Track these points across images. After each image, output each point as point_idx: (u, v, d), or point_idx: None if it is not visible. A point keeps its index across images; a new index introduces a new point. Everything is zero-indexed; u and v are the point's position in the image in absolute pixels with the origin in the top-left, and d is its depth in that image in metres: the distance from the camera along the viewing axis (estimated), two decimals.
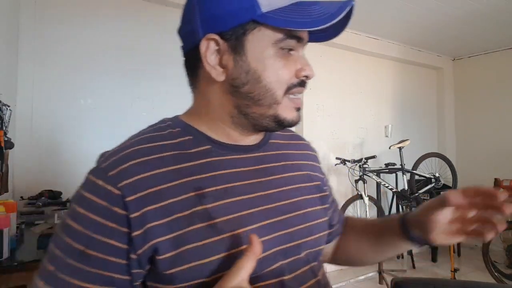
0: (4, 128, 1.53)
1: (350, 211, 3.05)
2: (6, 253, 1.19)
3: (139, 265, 0.45)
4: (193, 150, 0.51)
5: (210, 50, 0.50)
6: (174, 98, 2.64)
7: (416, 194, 3.32)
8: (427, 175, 3.40)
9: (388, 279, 2.96)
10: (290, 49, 0.50)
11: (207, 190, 0.48)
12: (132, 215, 0.44)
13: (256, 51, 0.49)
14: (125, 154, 0.48)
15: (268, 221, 0.51)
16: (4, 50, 1.86)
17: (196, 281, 0.45)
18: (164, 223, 0.45)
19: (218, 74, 0.50)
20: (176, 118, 0.56)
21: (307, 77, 0.52)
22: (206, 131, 0.54)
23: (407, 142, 3.29)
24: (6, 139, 1.53)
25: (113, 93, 2.44)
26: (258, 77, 0.49)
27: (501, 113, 4.06)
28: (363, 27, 3.54)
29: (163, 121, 0.56)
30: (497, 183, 3.50)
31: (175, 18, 2.42)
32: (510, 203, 0.48)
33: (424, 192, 3.44)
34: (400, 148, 3.34)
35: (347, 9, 0.48)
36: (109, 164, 0.47)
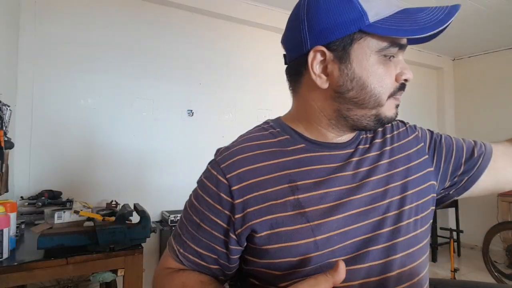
0: (4, 128, 1.53)
1: None
2: (6, 253, 1.19)
3: (237, 243, 0.55)
4: (289, 148, 0.58)
5: (316, 60, 0.54)
6: (174, 98, 2.65)
7: None
8: None
9: None
10: (391, 56, 0.53)
11: (299, 182, 0.55)
12: (236, 201, 0.54)
13: (361, 59, 0.52)
14: (234, 150, 0.58)
15: (354, 211, 0.55)
16: (4, 50, 1.86)
17: (284, 259, 0.53)
18: (261, 208, 0.53)
19: (322, 82, 0.55)
20: (278, 119, 0.64)
21: (406, 80, 0.55)
22: (303, 131, 0.60)
23: None
24: (6, 139, 1.53)
25: (113, 93, 2.43)
26: (363, 84, 0.53)
27: (501, 113, 4.06)
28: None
29: (266, 122, 0.64)
30: None
31: (175, 18, 2.44)
32: None
33: None
34: None
35: (456, 14, 0.49)
36: (222, 158, 0.57)
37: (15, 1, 2.07)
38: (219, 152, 0.60)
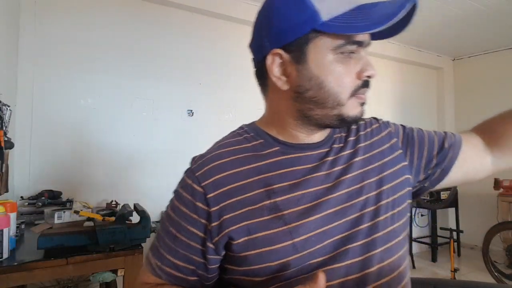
0: (4, 128, 1.53)
1: None
2: (6, 253, 1.19)
3: (215, 251, 0.55)
4: (264, 152, 0.58)
5: (275, 63, 0.54)
6: (174, 98, 2.65)
7: None
8: None
9: None
10: (351, 52, 0.52)
11: (275, 186, 0.55)
12: (212, 209, 0.53)
13: (317, 58, 0.52)
14: (209, 157, 0.58)
15: (332, 210, 0.55)
16: (4, 50, 1.86)
17: (263, 265, 0.52)
18: (238, 215, 0.53)
19: (283, 84, 0.55)
20: (252, 124, 0.64)
21: (369, 77, 0.54)
22: (276, 134, 0.60)
23: None
24: (6, 139, 1.53)
25: (113, 93, 2.43)
26: (321, 83, 0.53)
27: None
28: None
29: (241, 127, 0.64)
30: (497, 183, 3.50)
31: (175, 18, 2.44)
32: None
33: None
34: None
35: (408, 7, 0.48)
36: (196, 166, 0.57)
37: (15, 1, 2.07)
38: (194, 160, 0.59)
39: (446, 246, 3.61)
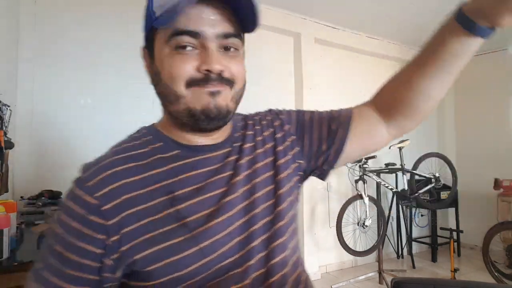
0: (4, 128, 1.54)
1: (350, 211, 3.05)
2: (6, 253, 1.19)
3: (113, 269, 0.49)
4: (164, 156, 0.54)
5: (145, 59, 0.57)
6: None
7: (416, 194, 3.32)
8: (427, 175, 3.40)
9: (388, 279, 2.96)
10: (189, 47, 0.50)
11: (178, 192, 0.52)
12: (109, 223, 0.48)
13: (158, 53, 0.53)
14: (102, 165, 0.51)
15: (235, 210, 0.54)
16: (4, 50, 1.86)
17: (172, 275, 0.49)
18: (139, 226, 0.49)
19: (150, 78, 0.56)
20: (151, 126, 0.60)
21: (209, 71, 0.50)
22: (176, 137, 0.56)
23: (407, 142, 3.29)
24: (6, 139, 1.53)
25: (113, 93, 2.43)
26: (159, 77, 0.53)
27: (501, 113, 4.06)
28: (363, 27, 3.54)
29: (139, 130, 0.60)
30: (497, 183, 3.50)
31: None
32: None
33: (424, 192, 3.44)
34: (400, 148, 3.34)
35: None
36: (88, 175, 0.50)
37: (15, 1, 2.07)
38: (85, 167, 0.52)
39: (446, 246, 3.61)
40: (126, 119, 2.46)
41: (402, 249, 3.89)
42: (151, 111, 2.55)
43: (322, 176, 0.68)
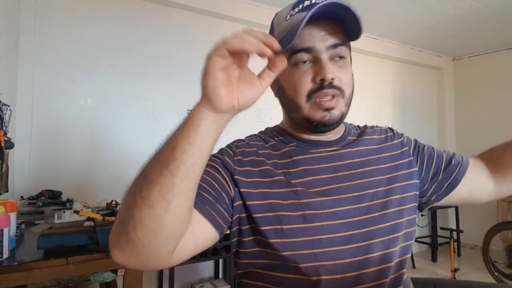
0: (4, 128, 1.53)
1: None
2: (6, 253, 1.19)
3: (232, 198, 0.60)
4: (283, 150, 0.66)
5: None
6: (174, 98, 2.65)
7: None
8: None
9: None
10: (304, 61, 0.59)
11: (291, 170, 0.63)
12: (237, 169, 0.62)
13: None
14: (242, 143, 0.68)
15: (343, 196, 0.61)
16: (4, 50, 1.86)
17: (273, 227, 0.58)
18: (256, 181, 0.61)
19: (275, 93, 0.68)
20: (276, 126, 0.74)
21: (323, 80, 0.58)
22: (294, 132, 0.68)
23: None
24: (6, 139, 1.53)
25: (113, 93, 2.43)
26: (283, 91, 0.64)
27: (501, 113, 4.05)
28: (363, 27, 3.53)
29: (267, 128, 0.75)
30: None
31: (175, 18, 2.43)
32: None
33: None
34: None
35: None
36: (234, 145, 0.67)
37: (15, 1, 2.07)
38: (234, 142, 0.69)
39: (446, 246, 3.62)
40: (126, 119, 2.46)
41: None
42: (151, 111, 2.56)
43: (422, 206, 0.73)
